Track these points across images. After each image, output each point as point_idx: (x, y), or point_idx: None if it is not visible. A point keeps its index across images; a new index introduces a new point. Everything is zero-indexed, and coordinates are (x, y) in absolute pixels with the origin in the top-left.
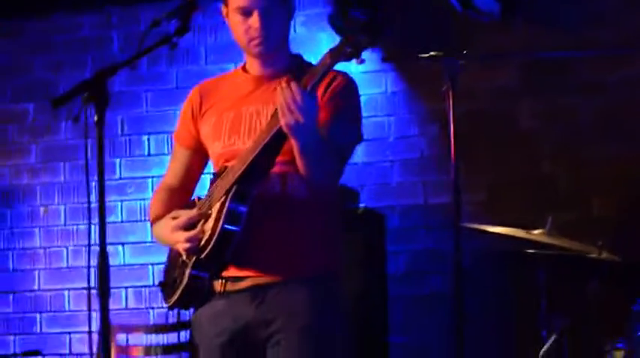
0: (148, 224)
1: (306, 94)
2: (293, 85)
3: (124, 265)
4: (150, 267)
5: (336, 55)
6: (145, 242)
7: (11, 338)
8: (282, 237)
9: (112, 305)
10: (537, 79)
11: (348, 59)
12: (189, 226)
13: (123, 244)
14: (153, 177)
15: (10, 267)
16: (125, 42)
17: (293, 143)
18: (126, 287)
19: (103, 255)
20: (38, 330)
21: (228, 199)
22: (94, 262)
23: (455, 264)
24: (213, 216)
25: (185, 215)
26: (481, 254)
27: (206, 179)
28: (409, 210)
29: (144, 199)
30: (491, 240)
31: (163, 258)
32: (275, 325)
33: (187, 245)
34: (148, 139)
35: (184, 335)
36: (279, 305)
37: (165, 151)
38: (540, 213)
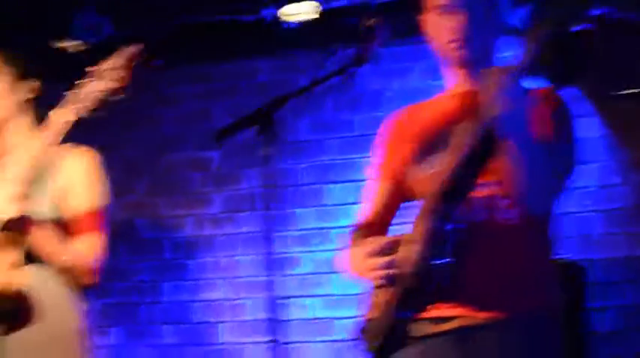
0: (334, 276)
1: (513, 79)
2: (497, 70)
3: (312, 319)
4: (338, 321)
5: (546, 23)
6: (333, 295)
7: None
8: (491, 269)
9: None
10: None
11: (561, 24)
12: (386, 252)
13: (310, 297)
14: (338, 227)
15: (193, 319)
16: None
17: (502, 146)
18: (315, 342)
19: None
20: None
21: (430, 220)
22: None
23: None
24: (416, 240)
25: (382, 240)
26: None
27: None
28: (612, 263)
29: (330, 250)
30: None
31: (352, 312)
32: None
33: (383, 272)
34: (333, 188)
35: None
36: (491, 350)
37: (351, 201)
38: None
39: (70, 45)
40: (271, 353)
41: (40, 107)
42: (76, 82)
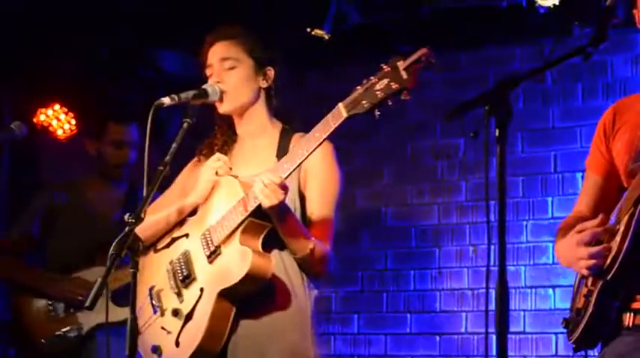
0: None
1: None
2: None
3: (554, 309)
4: None
5: None
6: None
7: None
8: None
9: (541, 352)
10: None
11: None
12: (594, 242)
13: (553, 287)
14: None
15: (437, 307)
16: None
17: None
18: (556, 333)
19: (503, 285)
20: None
21: (638, 211)
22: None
23: None
24: (621, 230)
25: (590, 228)
26: None
27: None
28: None
29: None
30: None
31: None
32: None
33: (590, 262)
34: (582, 177)
35: None
36: None
37: None
38: None
39: (318, 33)
40: (512, 344)
41: (281, 93)
42: (368, 78)
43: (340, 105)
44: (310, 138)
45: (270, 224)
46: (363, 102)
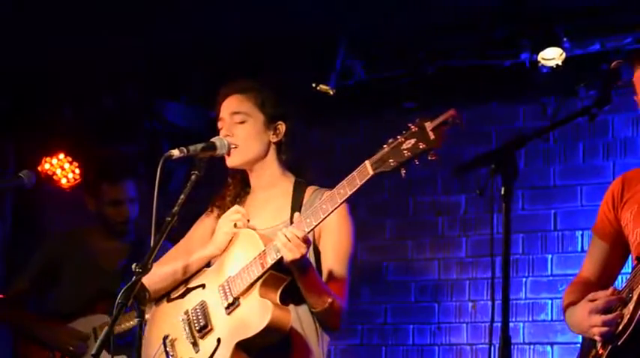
0: None
1: None
2: None
3: None
4: None
5: None
6: (576, 343)
7: None
8: None
9: None
10: None
11: None
12: (607, 310)
13: (552, 344)
14: None
15: None
16: (560, 133)
17: None
18: None
19: (506, 341)
20: None
21: None
22: None
23: None
24: (634, 299)
25: (603, 297)
26: None
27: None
28: None
29: None
30: None
31: None
32: None
33: (604, 329)
34: (582, 235)
35: None
36: None
37: None
38: None
39: (323, 88)
40: None
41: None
42: (395, 138)
43: (367, 162)
44: (335, 194)
45: (289, 277)
46: (390, 161)
